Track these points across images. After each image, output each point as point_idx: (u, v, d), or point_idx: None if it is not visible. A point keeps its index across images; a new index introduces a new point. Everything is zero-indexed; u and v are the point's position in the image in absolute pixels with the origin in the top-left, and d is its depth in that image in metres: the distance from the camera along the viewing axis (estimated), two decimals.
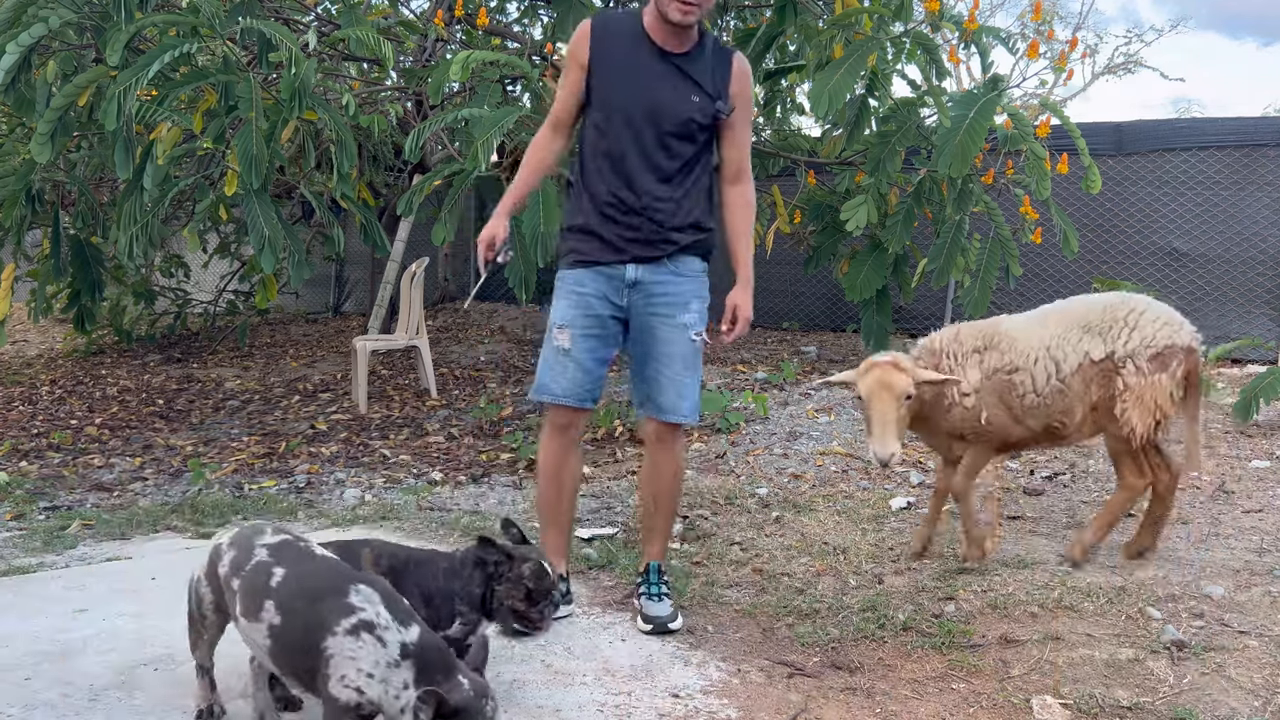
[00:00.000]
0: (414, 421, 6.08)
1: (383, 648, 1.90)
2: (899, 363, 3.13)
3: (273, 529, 2.22)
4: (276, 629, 2.00)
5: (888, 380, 3.08)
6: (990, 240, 6.17)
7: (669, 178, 2.85)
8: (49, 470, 5.09)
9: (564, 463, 3.03)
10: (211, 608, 2.20)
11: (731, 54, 2.90)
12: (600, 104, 2.86)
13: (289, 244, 5.27)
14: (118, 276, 8.72)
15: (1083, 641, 2.85)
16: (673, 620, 2.94)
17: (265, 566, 2.07)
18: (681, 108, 2.81)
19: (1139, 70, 22.01)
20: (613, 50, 2.84)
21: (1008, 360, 3.29)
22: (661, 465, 3.03)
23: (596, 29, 2.86)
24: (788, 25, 6.00)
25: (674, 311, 2.91)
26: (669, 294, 2.91)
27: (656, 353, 2.93)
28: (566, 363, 2.93)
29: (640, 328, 2.94)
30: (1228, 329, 7.44)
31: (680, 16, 2.73)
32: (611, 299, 2.93)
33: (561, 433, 3.01)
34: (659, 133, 2.82)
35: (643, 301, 2.92)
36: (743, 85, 2.89)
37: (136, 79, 4.61)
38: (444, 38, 6.48)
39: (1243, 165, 7.44)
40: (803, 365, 7.19)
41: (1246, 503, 4.21)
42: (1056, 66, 6.33)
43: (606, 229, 2.89)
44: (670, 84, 2.81)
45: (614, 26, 2.89)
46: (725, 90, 2.85)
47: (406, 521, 4.09)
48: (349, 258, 11.23)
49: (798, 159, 7.32)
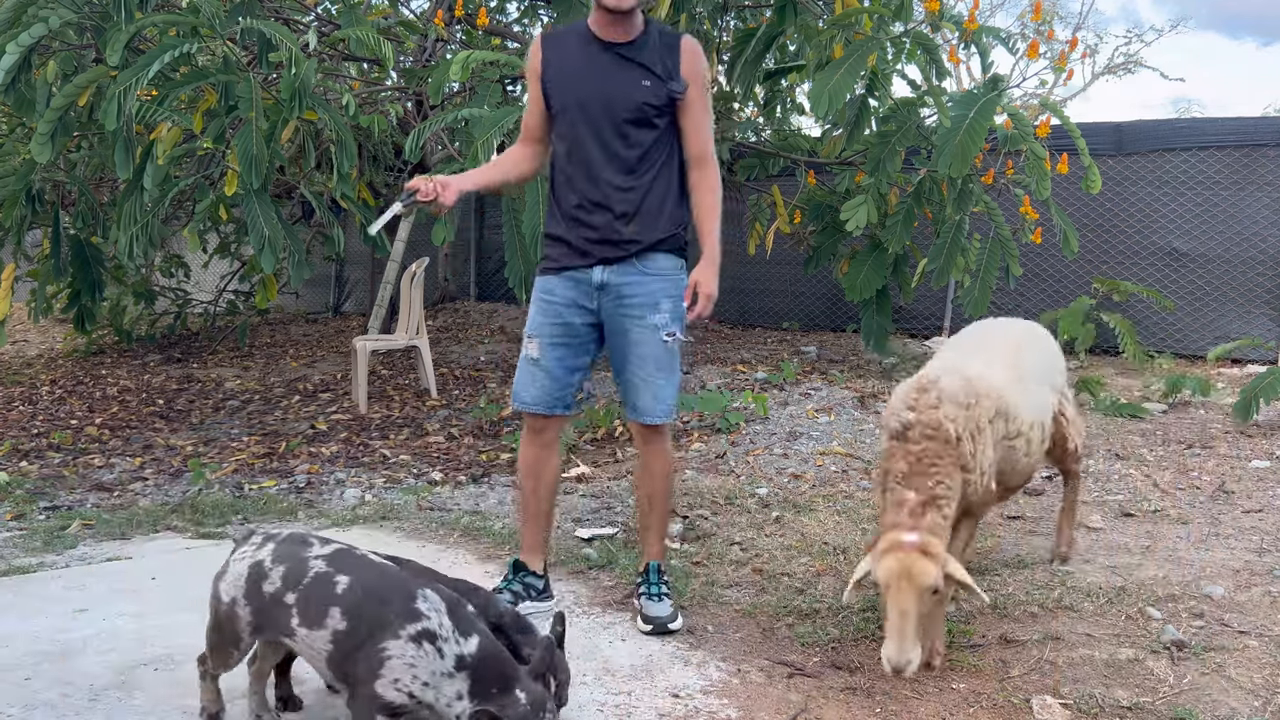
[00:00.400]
0: (414, 421, 6.08)
1: (440, 659, 1.93)
2: (929, 547, 2.47)
3: (318, 538, 2.20)
4: (341, 634, 2.00)
5: (913, 570, 2.45)
6: (990, 240, 6.17)
7: (631, 168, 2.86)
8: (49, 470, 5.09)
9: (541, 463, 3.06)
10: (249, 628, 2.15)
11: (679, 37, 2.91)
12: (559, 107, 2.90)
13: (289, 244, 5.27)
14: (118, 276, 8.73)
15: (1083, 641, 2.85)
16: (673, 620, 2.95)
17: (327, 576, 2.07)
18: (634, 93, 2.83)
19: (1139, 70, 22.02)
20: (562, 54, 2.90)
21: (1013, 427, 2.88)
22: (651, 465, 3.04)
23: (546, 40, 2.95)
24: (788, 25, 6.00)
25: (644, 312, 2.90)
26: (637, 295, 2.90)
27: (630, 355, 2.93)
28: (536, 372, 2.97)
29: (613, 330, 2.95)
30: (1228, 329, 7.44)
31: (615, 4, 2.77)
32: (582, 304, 2.93)
33: (537, 436, 3.04)
34: (616, 122, 2.84)
35: (612, 304, 2.92)
36: (694, 65, 2.88)
37: (136, 79, 4.61)
38: (444, 38, 6.48)
39: (1243, 165, 7.44)
40: (803, 365, 7.19)
41: (1246, 503, 4.22)
42: (1056, 66, 6.33)
43: (573, 233, 2.91)
44: (620, 72, 2.84)
45: (562, 34, 2.98)
46: (677, 72, 2.86)
47: (406, 521, 4.10)
48: (349, 258, 11.23)
49: (798, 159, 7.32)
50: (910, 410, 2.67)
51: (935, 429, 2.62)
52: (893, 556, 2.46)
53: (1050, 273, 8.04)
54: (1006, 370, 2.93)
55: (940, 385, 2.70)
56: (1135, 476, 4.62)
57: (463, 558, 3.63)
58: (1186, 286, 7.63)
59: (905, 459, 2.61)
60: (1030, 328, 3.35)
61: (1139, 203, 7.80)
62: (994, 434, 2.75)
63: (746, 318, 9.74)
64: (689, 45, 2.90)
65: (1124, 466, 4.78)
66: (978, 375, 2.78)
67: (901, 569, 2.43)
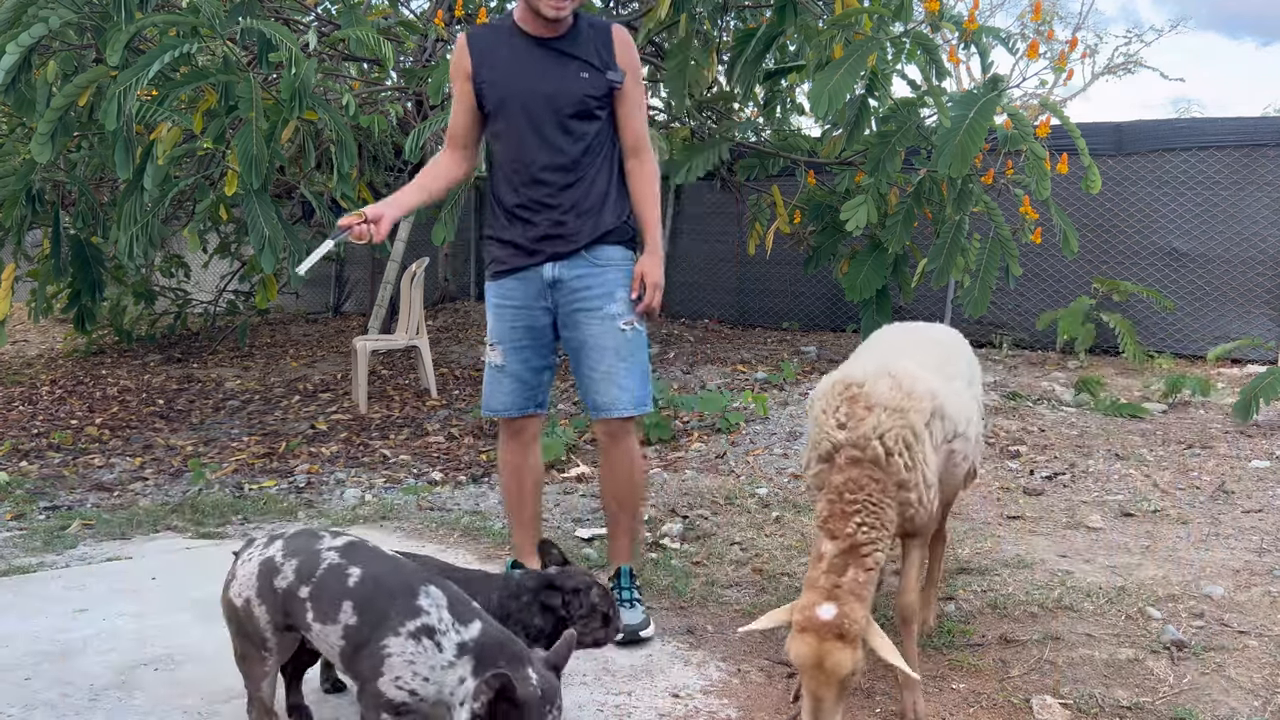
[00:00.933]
0: (414, 421, 6.08)
1: (439, 652, 1.92)
2: (846, 627, 2.07)
3: (328, 532, 2.18)
4: (352, 629, 1.98)
5: (826, 662, 2.07)
6: (990, 240, 6.17)
7: (575, 161, 2.83)
8: (49, 470, 5.09)
9: (522, 464, 3.02)
10: (270, 627, 2.10)
11: (610, 26, 2.89)
12: (495, 105, 2.84)
13: (289, 244, 5.27)
14: (118, 276, 8.72)
15: (1083, 641, 2.85)
16: (644, 628, 2.87)
17: (339, 569, 2.04)
18: (574, 86, 2.80)
19: (1139, 70, 22.02)
20: (493, 52, 2.84)
21: (951, 427, 2.48)
22: (615, 464, 2.94)
23: (472, 39, 2.88)
24: (788, 25, 6.00)
25: (600, 303, 2.85)
26: (590, 287, 2.85)
27: (587, 349, 2.87)
28: (502, 378, 2.94)
29: (567, 325, 2.90)
30: (1228, 329, 7.44)
31: (554, 13, 2.72)
32: (538, 303, 2.89)
33: (515, 438, 3.01)
34: (558, 118, 2.80)
35: (566, 299, 2.87)
36: (627, 54, 2.86)
37: (136, 79, 4.61)
38: (444, 38, 6.49)
39: (1243, 165, 7.44)
40: (803, 365, 7.19)
41: (1246, 503, 4.21)
42: (1056, 66, 6.32)
43: (518, 232, 2.86)
44: (557, 67, 2.80)
45: (488, 33, 2.93)
46: (613, 62, 2.83)
47: (406, 521, 4.10)
48: (349, 258, 11.24)
49: (798, 159, 7.32)
50: (841, 429, 2.32)
51: (863, 449, 2.27)
52: (805, 640, 2.09)
53: (1050, 273, 8.04)
54: (936, 370, 2.57)
55: (868, 391, 2.35)
56: (1135, 476, 4.62)
57: (463, 558, 3.63)
58: (1186, 286, 7.63)
59: (827, 495, 2.27)
60: (950, 331, 3.04)
61: (1139, 203, 7.80)
62: (932, 439, 2.37)
63: (746, 318, 9.74)
64: (620, 35, 2.88)
65: (1124, 466, 4.78)
66: (908, 374, 2.41)
67: (814, 658, 2.07)
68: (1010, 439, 5.30)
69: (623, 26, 2.93)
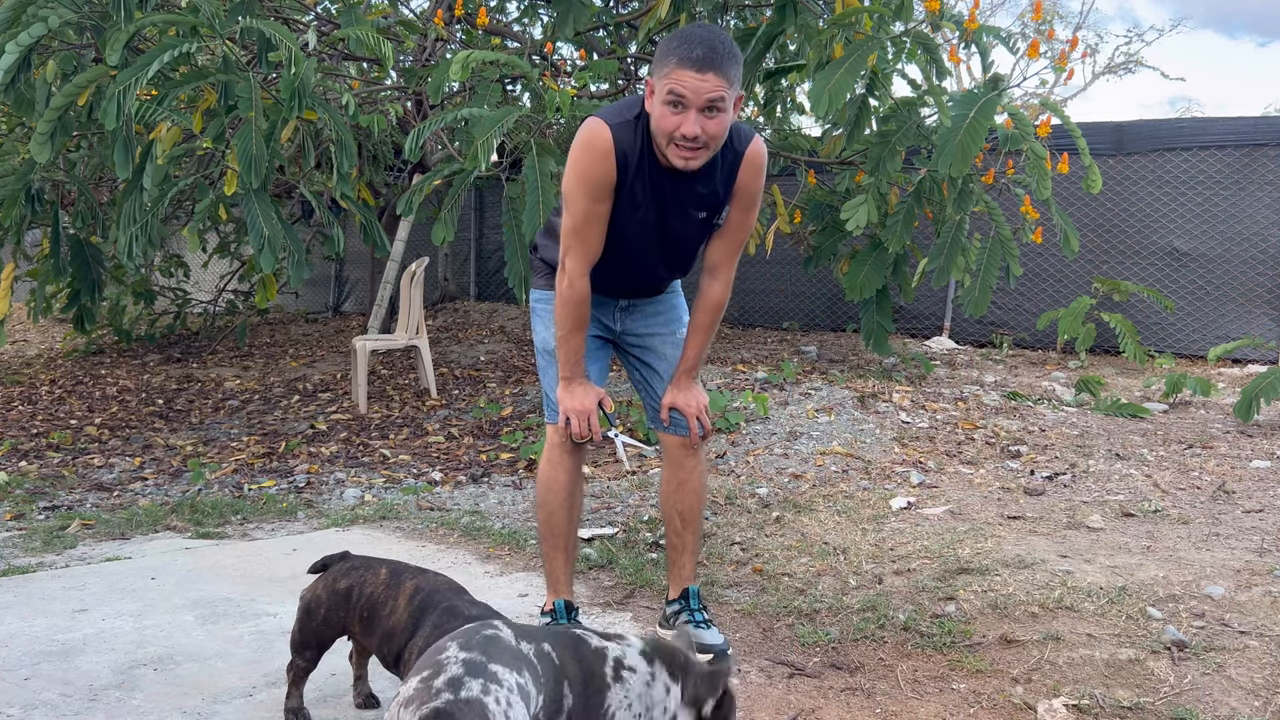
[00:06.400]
0: (414, 421, 6.08)
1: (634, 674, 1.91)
2: None
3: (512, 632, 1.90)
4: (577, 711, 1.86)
5: None
6: (990, 240, 6.17)
7: (670, 271, 2.80)
8: (49, 470, 5.09)
9: (576, 483, 2.83)
10: None
11: (743, 153, 2.57)
12: (613, 232, 2.61)
13: (289, 244, 5.27)
14: (118, 276, 8.72)
15: (1083, 641, 2.84)
16: (727, 648, 2.79)
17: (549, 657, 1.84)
18: (689, 232, 2.66)
19: (1139, 70, 22.02)
20: (629, 174, 2.53)
21: None
22: (689, 480, 2.84)
23: (618, 147, 2.50)
24: (788, 25, 5.99)
25: (673, 327, 2.85)
26: (662, 311, 2.85)
27: (665, 370, 2.83)
28: None
29: (642, 347, 2.85)
30: (1228, 329, 7.44)
31: (683, 165, 2.46)
32: (601, 320, 2.82)
33: (574, 453, 2.80)
34: (666, 257, 2.72)
35: (639, 322, 2.84)
36: (751, 184, 2.61)
37: (136, 79, 4.61)
38: (444, 37, 6.48)
39: (1243, 165, 7.44)
40: (803, 365, 7.19)
41: (1246, 503, 4.21)
42: (1056, 66, 6.32)
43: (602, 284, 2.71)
44: (679, 210, 2.60)
45: (629, 143, 2.52)
46: (729, 195, 2.60)
47: (406, 521, 4.09)
48: (349, 258, 11.23)
49: (798, 159, 7.32)
50: None
51: None
52: None
53: (1050, 272, 8.04)
54: None
55: None
56: (1135, 476, 4.62)
57: (462, 558, 3.63)
58: (1187, 286, 7.63)
59: None
60: None
61: (1139, 202, 7.80)
62: None
63: (746, 318, 9.74)
64: (752, 163, 2.58)
65: (1124, 466, 4.78)
66: None
67: None
68: (1011, 439, 5.30)
69: (761, 146, 2.60)
